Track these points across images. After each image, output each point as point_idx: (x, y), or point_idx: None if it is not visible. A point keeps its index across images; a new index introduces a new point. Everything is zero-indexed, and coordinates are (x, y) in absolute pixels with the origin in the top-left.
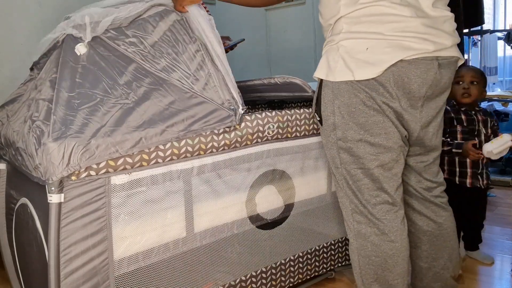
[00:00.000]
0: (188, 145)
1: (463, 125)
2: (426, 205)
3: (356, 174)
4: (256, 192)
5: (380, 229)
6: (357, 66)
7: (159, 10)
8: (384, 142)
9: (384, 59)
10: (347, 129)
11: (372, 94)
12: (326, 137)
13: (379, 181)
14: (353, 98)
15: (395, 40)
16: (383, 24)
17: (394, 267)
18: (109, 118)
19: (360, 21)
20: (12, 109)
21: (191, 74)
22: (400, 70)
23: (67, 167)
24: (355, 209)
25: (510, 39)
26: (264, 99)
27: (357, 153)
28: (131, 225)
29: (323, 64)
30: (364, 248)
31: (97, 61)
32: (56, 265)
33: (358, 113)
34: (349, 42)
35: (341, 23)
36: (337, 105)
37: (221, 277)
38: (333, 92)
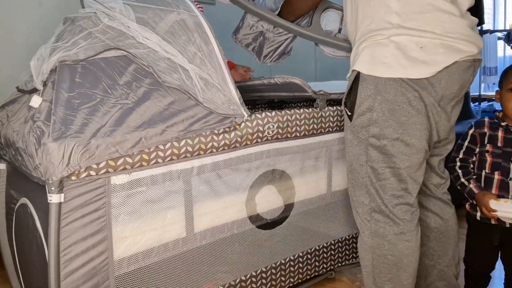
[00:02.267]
0: (188, 145)
1: (496, 146)
2: (434, 201)
3: (384, 173)
4: (256, 192)
5: (399, 228)
6: (411, 64)
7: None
8: (417, 143)
9: (438, 59)
10: (386, 126)
11: (422, 93)
12: (353, 133)
13: (406, 182)
14: (399, 96)
15: (447, 41)
16: (435, 23)
17: (408, 267)
18: (109, 118)
19: (413, 18)
20: (12, 109)
21: (190, 76)
22: (450, 71)
23: (67, 167)
24: (375, 208)
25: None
26: (264, 99)
27: (391, 152)
28: (131, 225)
29: (366, 58)
30: (380, 247)
31: (96, 61)
32: (56, 265)
33: (400, 112)
34: (402, 39)
35: (392, 17)
36: (378, 101)
37: (221, 277)
38: (376, 88)
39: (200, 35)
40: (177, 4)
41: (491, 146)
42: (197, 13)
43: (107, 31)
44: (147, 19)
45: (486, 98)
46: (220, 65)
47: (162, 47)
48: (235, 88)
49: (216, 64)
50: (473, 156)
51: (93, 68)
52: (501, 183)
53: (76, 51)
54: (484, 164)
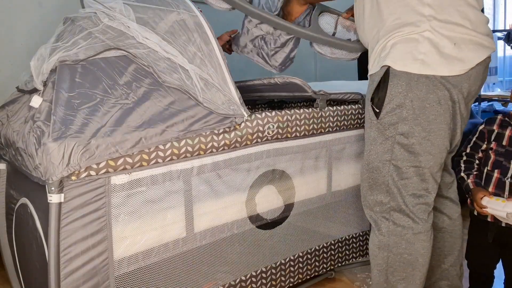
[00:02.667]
0: (188, 145)
1: (500, 144)
2: (442, 201)
3: (407, 172)
4: (256, 192)
5: (418, 228)
6: (446, 61)
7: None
8: (441, 142)
9: (472, 56)
10: (416, 124)
11: (453, 91)
12: (380, 131)
13: (427, 181)
14: (430, 94)
15: (475, 38)
16: (465, 17)
17: (423, 267)
18: (109, 118)
19: (445, 11)
20: (13, 109)
21: (190, 76)
22: (478, 68)
23: (67, 167)
24: (395, 207)
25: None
26: (264, 99)
27: (418, 151)
28: (131, 225)
29: (398, 53)
30: (397, 245)
31: (96, 61)
32: (56, 265)
33: (430, 110)
34: (435, 35)
35: (424, 10)
36: (410, 98)
37: (221, 277)
38: (408, 84)
39: (200, 35)
40: (177, 4)
41: (495, 144)
42: (197, 13)
43: (107, 31)
44: (147, 19)
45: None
46: (220, 65)
47: (162, 47)
48: (235, 88)
49: (216, 64)
50: (479, 152)
51: (93, 68)
52: (498, 182)
53: (76, 51)
54: (488, 161)
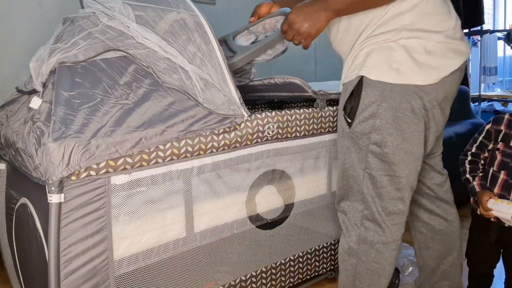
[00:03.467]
0: (188, 145)
1: (507, 145)
2: (437, 203)
3: (382, 181)
4: (256, 192)
5: (387, 238)
6: (420, 70)
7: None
8: (416, 150)
9: (447, 64)
10: (388, 134)
11: (425, 100)
12: (352, 140)
13: (403, 190)
14: (403, 103)
15: (451, 44)
16: (443, 25)
17: (389, 274)
18: (109, 118)
19: (425, 18)
20: (12, 109)
21: (190, 76)
22: (454, 74)
23: (67, 167)
24: (368, 216)
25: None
26: (264, 99)
27: (392, 160)
28: (131, 225)
29: (373, 62)
30: (366, 254)
31: (96, 62)
32: (56, 265)
33: (403, 119)
34: (411, 42)
35: (403, 18)
36: (383, 108)
37: (221, 277)
38: (382, 94)
39: (200, 34)
40: (177, 3)
41: (503, 144)
42: (197, 12)
43: (106, 31)
44: (147, 19)
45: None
46: (220, 65)
47: (161, 47)
48: (235, 88)
49: (216, 64)
50: (485, 151)
51: (93, 69)
52: (504, 183)
53: (76, 52)
54: (494, 162)
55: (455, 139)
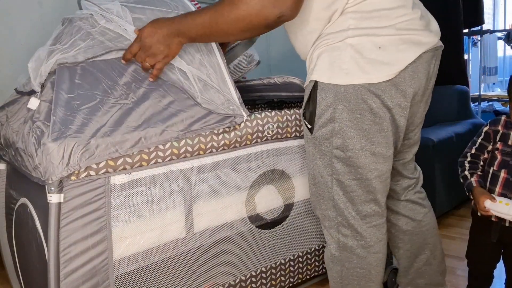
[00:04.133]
0: (187, 145)
1: (506, 144)
2: (403, 204)
3: (351, 185)
4: (256, 192)
5: (367, 241)
6: (372, 68)
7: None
8: (384, 151)
9: (400, 57)
10: (349, 137)
11: (384, 97)
12: (316, 146)
13: (374, 192)
14: (360, 104)
15: (406, 35)
16: (392, 19)
17: (377, 277)
18: (109, 118)
19: (369, 16)
20: (12, 110)
21: (189, 76)
22: (413, 66)
23: (66, 167)
24: (343, 222)
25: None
26: (263, 99)
27: (357, 163)
28: (131, 225)
29: (324, 65)
30: (349, 260)
31: (96, 63)
32: (56, 265)
33: (362, 120)
34: (358, 40)
35: (347, 19)
36: (339, 111)
37: (221, 277)
38: (335, 97)
39: None
40: (176, 4)
41: (501, 144)
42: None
43: (106, 32)
44: (146, 20)
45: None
46: (220, 65)
47: None
48: (234, 88)
49: (215, 64)
50: (485, 153)
51: (93, 70)
52: (505, 182)
53: (75, 53)
54: (494, 162)
55: (455, 139)
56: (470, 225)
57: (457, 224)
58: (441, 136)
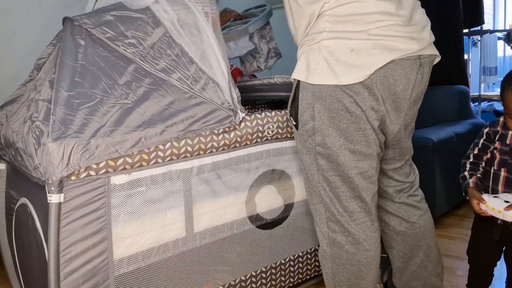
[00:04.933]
0: (187, 145)
1: (504, 143)
2: (397, 205)
3: (335, 181)
4: (256, 192)
5: (355, 238)
6: (343, 70)
7: None
8: (364, 149)
9: (371, 61)
10: (327, 135)
11: (357, 99)
12: (302, 143)
13: (358, 189)
14: (335, 103)
15: (380, 41)
16: (368, 23)
17: (367, 275)
18: (109, 118)
19: (344, 20)
20: (12, 109)
21: (190, 75)
22: (386, 71)
23: (66, 167)
24: (331, 218)
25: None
26: (264, 99)
27: (337, 160)
28: (131, 225)
29: (302, 65)
30: (339, 257)
31: (96, 61)
32: (56, 265)
33: (339, 119)
34: (332, 42)
35: (323, 21)
36: (317, 110)
37: (221, 277)
38: (313, 96)
39: (200, 34)
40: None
41: (499, 143)
42: (197, 12)
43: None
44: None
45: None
46: (220, 65)
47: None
48: (234, 88)
49: (216, 64)
50: (488, 153)
51: (93, 68)
52: (506, 180)
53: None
54: (493, 161)
55: (455, 139)
56: (470, 225)
57: (457, 224)
58: (441, 136)
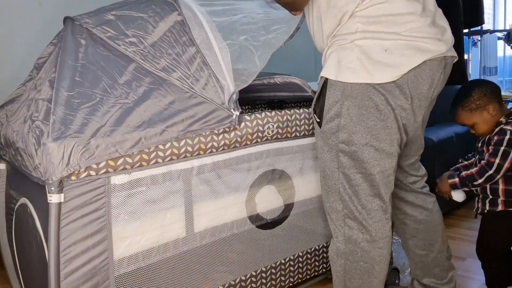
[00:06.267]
0: (187, 145)
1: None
2: (416, 195)
3: (355, 179)
4: (256, 192)
5: (371, 235)
6: (376, 68)
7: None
8: (387, 148)
9: (404, 61)
10: (354, 132)
11: (388, 97)
12: (324, 140)
13: (378, 187)
14: (366, 101)
15: (412, 41)
16: (399, 24)
17: (380, 274)
18: (109, 117)
19: (377, 21)
20: (11, 109)
21: (191, 74)
22: (417, 71)
23: (67, 167)
24: (349, 215)
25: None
26: (264, 99)
27: (361, 158)
28: (131, 225)
29: (332, 63)
30: (353, 254)
31: (97, 61)
32: (56, 265)
33: (368, 116)
34: (366, 42)
35: (355, 22)
36: (346, 107)
37: (221, 277)
38: (343, 93)
39: (200, 34)
40: (178, 5)
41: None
42: (197, 12)
43: None
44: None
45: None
46: (220, 65)
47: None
48: (235, 88)
49: (216, 64)
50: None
51: (93, 67)
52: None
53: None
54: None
55: (455, 139)
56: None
57: (457, 224)
58: (441, 136)
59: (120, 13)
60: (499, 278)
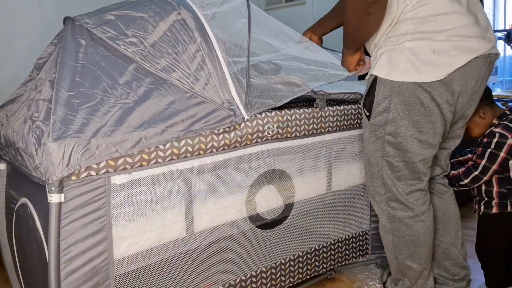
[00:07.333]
0: (188, 145)
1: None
2: (434, 185)
3: (398, 166)
4: (256, 192)
5: (414, 212)
6: (426, 69)
7: (159, 11)
8: (430, 139)
9: (451, 61)
10: (401, 125)
11: (434, 94)
12: (371, 132)
13: (418, 172)
14: (412, 98)
15: (458, 42)
16: (447, 23)
17: (425, 243)
18: (109, 118)
19: (426, 21)
20: (12, 109)
21: (191, 74)
22: (463, 69)
23: (67, 167)
24: (392, 197)
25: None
26: None
27: (406, 148)
28: (131, 225)
29: (383, 63)
30: (399, 229)
31: (97, 61)
32: (56, 265)
33: (413, 112)
34: (415, 44)
35: (406, 23)
36: (394, 103)
37: (221, 277)
38: (391, 90)
39: (201, 34)
40: (178, 4)
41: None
42: (198, 12)
43: None
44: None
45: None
46: (221, 65)
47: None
48: (235, 88)
49: (217, 63)
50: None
51: (93, 68)
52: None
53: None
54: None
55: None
56: (470, 225)
57: None
58: None
59: (120, 13)
60: (498, 278)
